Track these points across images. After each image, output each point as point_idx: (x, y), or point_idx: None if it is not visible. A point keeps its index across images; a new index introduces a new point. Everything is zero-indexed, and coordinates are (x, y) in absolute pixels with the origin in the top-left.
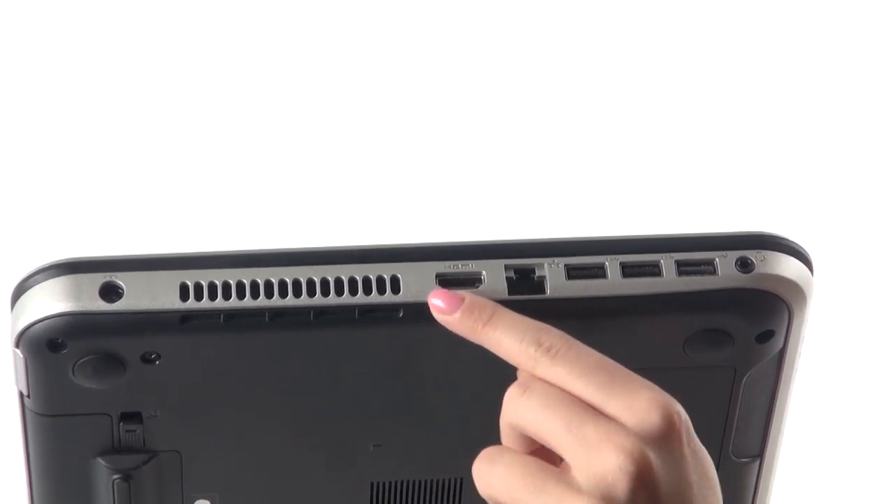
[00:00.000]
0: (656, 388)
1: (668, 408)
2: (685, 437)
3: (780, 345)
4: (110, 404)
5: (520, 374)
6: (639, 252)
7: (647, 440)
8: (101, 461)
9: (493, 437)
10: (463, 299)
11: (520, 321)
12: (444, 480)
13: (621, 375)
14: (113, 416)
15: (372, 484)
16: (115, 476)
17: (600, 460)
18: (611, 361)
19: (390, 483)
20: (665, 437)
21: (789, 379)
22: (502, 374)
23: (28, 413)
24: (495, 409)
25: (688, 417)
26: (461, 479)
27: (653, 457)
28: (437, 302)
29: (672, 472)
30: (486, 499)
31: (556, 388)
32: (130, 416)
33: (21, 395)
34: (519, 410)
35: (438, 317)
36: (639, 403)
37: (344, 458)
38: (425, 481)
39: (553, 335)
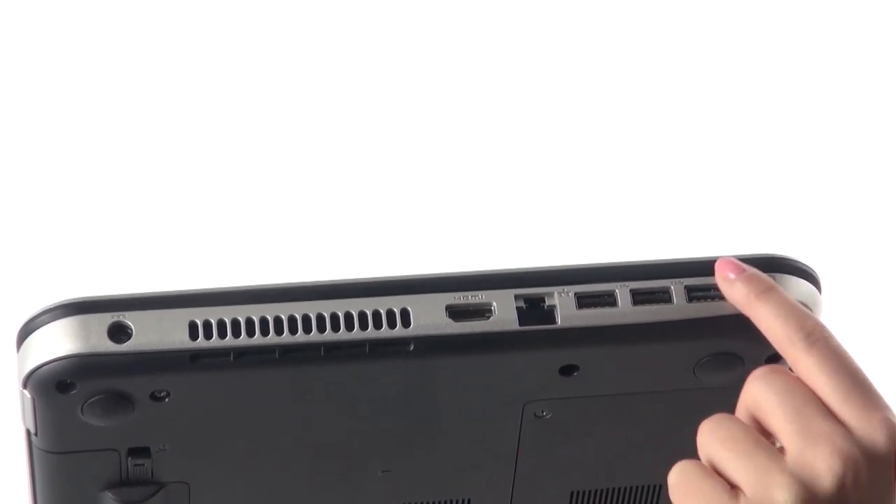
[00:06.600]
0: (893, 412)
1: None
2: None
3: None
4: (118, 440)
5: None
6: (648, 278)
7: (865, 452)
8: (108, 494)
9: (502, 461)
10: (745, 270)
11: (790, 303)
12: (452, 500)
13: (865, 387)
14: (121, 451)
15: None
16: None
17: (814, 452)
18: (862, 371)
19: None
20: (883, 459)
21: None
22: (511, 402)
23: (35, 450)
24: (504, 435)
25: None
26: (468, 500)
27: (864, 470)
28: (723, 268)
29: (879, 493)
30: (701, 457)
31: (799, 382)
32: (139, 451)
33: (28, 432)
34: (758, 389)
35: (720, 281)
36: (871, 417)
37: (352, 486)
38: (433, 502)
39: (817, 325)
